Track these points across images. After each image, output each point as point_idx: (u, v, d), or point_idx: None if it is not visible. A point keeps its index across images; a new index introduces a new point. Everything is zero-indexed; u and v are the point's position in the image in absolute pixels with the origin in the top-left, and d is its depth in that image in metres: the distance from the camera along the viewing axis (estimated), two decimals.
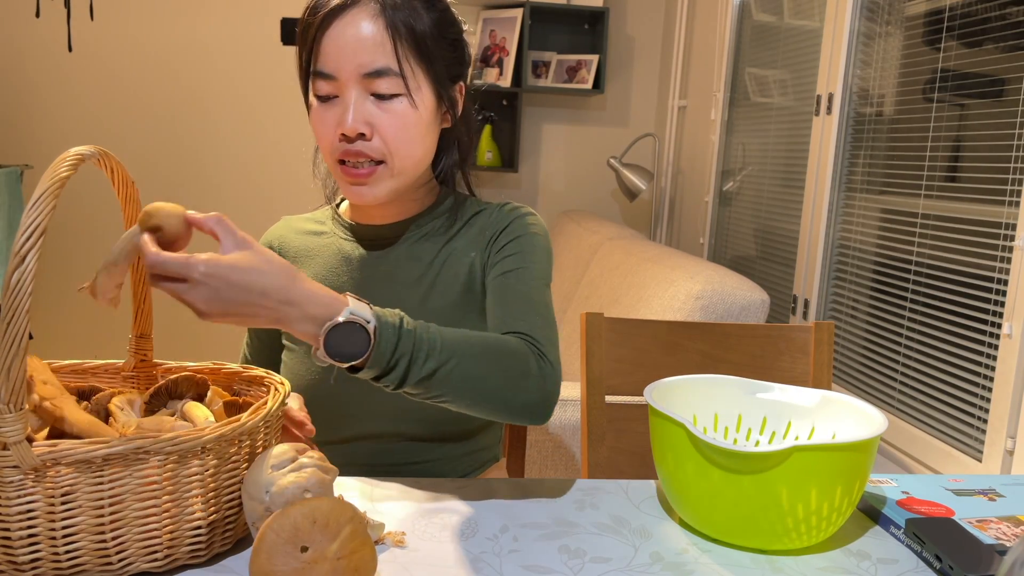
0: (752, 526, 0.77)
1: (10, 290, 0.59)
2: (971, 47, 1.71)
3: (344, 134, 0.93)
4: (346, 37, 0.92)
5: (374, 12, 0.92)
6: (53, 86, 3.20)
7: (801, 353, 1.30)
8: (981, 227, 1.65)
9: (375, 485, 0.91)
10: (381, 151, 0.95)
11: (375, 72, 0.92)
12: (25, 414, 0.61)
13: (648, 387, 0.87)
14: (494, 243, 1.03)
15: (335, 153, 0.96)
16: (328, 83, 0.94)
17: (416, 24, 0.94)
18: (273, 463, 0.71)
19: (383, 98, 0.94)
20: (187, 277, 0.69)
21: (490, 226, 1.05)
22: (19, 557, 0.64)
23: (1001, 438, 1.53)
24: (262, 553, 0.62)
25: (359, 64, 0.92)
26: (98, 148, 0.71)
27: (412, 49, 0.94)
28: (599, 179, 3.63)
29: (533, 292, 0.97)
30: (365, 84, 0.93)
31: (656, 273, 2.07)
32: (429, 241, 1.05)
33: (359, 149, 0.94)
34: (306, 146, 3.80)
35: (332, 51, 0.92)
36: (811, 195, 2.30)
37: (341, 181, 0.98)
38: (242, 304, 0.71)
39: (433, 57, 0.96)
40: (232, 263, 0.71)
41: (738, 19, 2.94)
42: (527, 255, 1.01)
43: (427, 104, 0.97)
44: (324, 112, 0.95)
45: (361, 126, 0.93)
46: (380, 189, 0.97)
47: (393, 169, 0.97)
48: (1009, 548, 0.78)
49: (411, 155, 0.97)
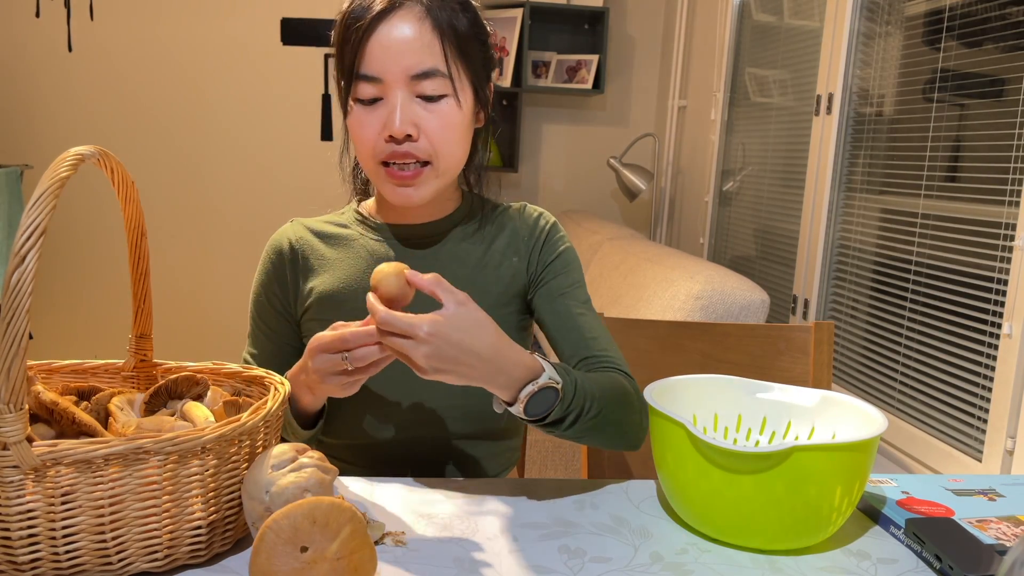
0: (752, 526, 0.77)
1: (10, 290, 0.59)
2: (971, 47, 1.71)
3: (392, 136, 0.93)
4: (393, 39, 0.92)
5: (420, 14, 0.93)
6: (53, 86, 3.20)
7: (801, 353, 1.30)
8: (981, 227, 1.65)
9: (375, 485, 0.91)
10: (428, 152, 0.95)
11: (423, 73, 0.92)
12: (25, 414, 0.61)
13: (648, 387, 0.87)
14: (538, 255, 1.07)
15: (378, 155, 0.95)
16: (373, 85, 0.93)
17: (457, 25, 0.95)
18: (273, 463, 0.71)
19: (430, 99, 0.94)
20: (413, 335, 0.75)
21: (525, 233, 1.08)
22: (19, 557, 0.64)
23: (1001, 438, 1.53)
24: (262, 553, 0.62)
25: (407, 66, 0.92)
26: (98, 148, 0.71)
27: (456, 50, 0.95)
28: (599, 179, 3.63)
29: (590, 312, 1.06)
30: (412, 86, 0.93)
31: (656, 273, 2.07)
32: (468, 242, 1.06)
33: (406, 150, 0.94)
34: (306, 146, 3.81)
35: (378, 53, 0.92)
36: (811, 195, 2.30)
37: (384, 183, 0.97)
38: (457, 363, 0.77)
39: (472, 57, 0.97)
40: (452, 323, 0.76)
41: (738, 19, 2.94)
42: (572, 271, 1.07)
43: (468, 104, 0.98)
44: (367, 115, 0.95)
45: (409, 127, 0.93)
46: (426, 190, 0.97)
47: (438, 170, 0.97)
48: (1009, 548, 0.78)
49: (455, 155, 0.98)
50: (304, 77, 3.31)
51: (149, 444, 0.65)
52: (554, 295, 1.05)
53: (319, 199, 3.42)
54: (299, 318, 1.05)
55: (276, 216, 3.41)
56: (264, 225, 3.41)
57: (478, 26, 0.99)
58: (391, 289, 0.79)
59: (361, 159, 0.99)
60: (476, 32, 0.98)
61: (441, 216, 1.06)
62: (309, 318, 1.04)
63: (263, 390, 0.85)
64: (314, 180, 3.42)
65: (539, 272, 1.07)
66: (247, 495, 0.71)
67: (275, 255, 1.06)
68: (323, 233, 1.07)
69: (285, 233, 1.08)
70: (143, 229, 0.82)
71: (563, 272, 1.06)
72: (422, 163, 0.96)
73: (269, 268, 1.06)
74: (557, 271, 1.06)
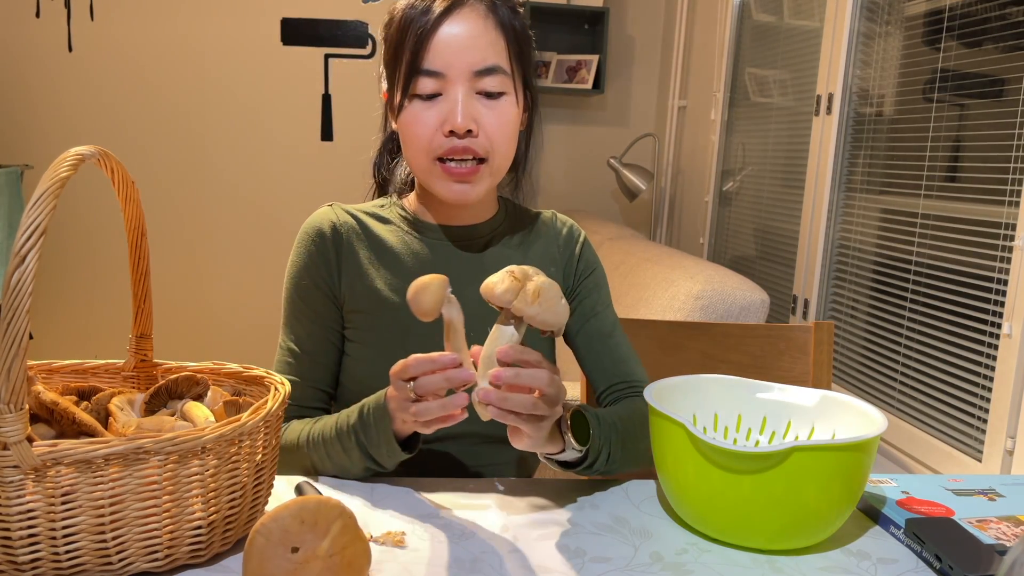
0: (752, 526, 0.77)
1: (10, 290, 0.59)
2: (971, 47, 1.71)
3: (453, 131, 0.92)
4: (458, 35, 0.92)
5: (484, 12, 0.94)
6: (53, 86, 3.20)
7: (801, 353, 1.30)
8: (981, 227, 1.65)
9: (375, 485, 0.91)
10: (486, 148, 0.95)
11: (486, 69, 0.93)
12: (25, 414, 0.61)
13: (648, 387, 0.87)
14: (574, 268, 1.08)
15: (435, 151, 0.94)
16: (434, 80, 0.93)
17: (516, 25, 0.96)
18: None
19: (490, 96, 0.94)
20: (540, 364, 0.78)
21: (560, 243, 1.09)
22: (19, 557, 0.64)
23: (1001, 438, 1.53)
24: (253, 558, 0.62)
25: (471, 62, 0.92)
26: (98, 148, 0.71)
27: (515, 48, 0.96)
28: (599, 179, 3.63)
29: (619, 332, 1.09)
30: (473, 82, 0.93)
31: (656, 273, 2.07)
32: (508, 248, 1.06)
33: (466, 145, 0.93)
34: (306, 146, 3.80)
35: (442, 49, 0.92)
36: (811, 195, 2.30)
37: (438, 179, 0.96)
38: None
39: (526, 58, 0.98)
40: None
41: (738, 19, 2.94)
42: (603, 289, 1.10)
43: (522, 104, 0.99)
44: (424, 110, 0.94)
45: (470, 122, 0.93)
46: (480, 188, 0.97)
47: (492, 167, 0.97)
48: (1009, 548, 0.78)
49: (509, 154, 0.99)
50: (304, 77, 3.31)
51: (149, 444, 0.65)
52: (587, 315, 1.07)
53: (319, 199, 3.42)
54: (342, 305, 1.02)
55: (276, 216, 3.41)
56: (264, 225, 3.41)
57: (527, 28, 1.00)
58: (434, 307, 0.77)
59: (414, 155, 0.97)
60: (527, 34, 0.99)
61: (484, 219, 1.06)
62: (352, 310, 1.01)
63: (263, 390, 0.85)
64: (314, 180, 3.42)
65: (574, 286, 1.08)
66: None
67: (317, 237, 1.02)
68: (367, 223, 1.04)
69: (326, 215, 1.04)
70: (143, 229, 0.82)
71: (595, 290, 1.08)
72: (478, 160, 0.95)
73: (312, 250, 1.02)
74: (590, 288, 1.08)
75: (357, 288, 1.01)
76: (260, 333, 3.43)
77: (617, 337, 1.08)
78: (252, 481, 0.74)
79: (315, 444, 0.92)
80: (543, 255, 1.07)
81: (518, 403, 0.76)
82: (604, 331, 1.07)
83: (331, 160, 3.42)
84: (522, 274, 0.77)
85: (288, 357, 1.03)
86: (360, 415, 0.89)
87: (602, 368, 1.06)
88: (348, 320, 1.02)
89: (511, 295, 0.75)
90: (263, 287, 3.44)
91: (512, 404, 0.75)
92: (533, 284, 0.76)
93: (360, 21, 3.29)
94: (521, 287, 0.75)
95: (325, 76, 3.32)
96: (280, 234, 3.43)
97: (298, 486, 0.86)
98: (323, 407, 1.04)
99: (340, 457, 0.90)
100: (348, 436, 0.89)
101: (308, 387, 1.02)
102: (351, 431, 0.89)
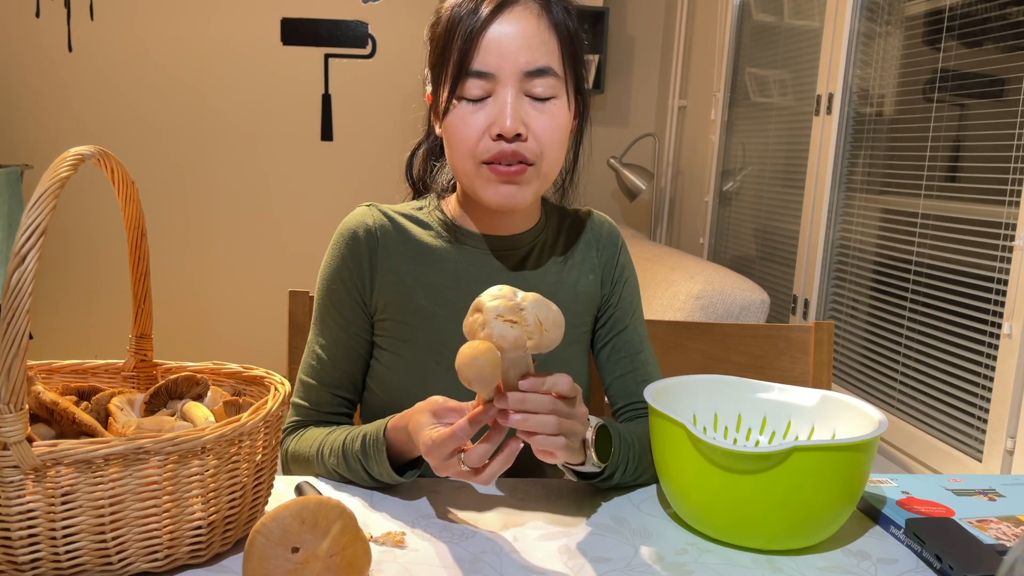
0: (752, 526, 0.77)
1: (10, 290, 0.59)
2: (971, 47, 1.71)
3: (501, 134, 0.88)
4: (509, 35, 0.88)
5: (536, 11, 0.90)
6: (53, 86, 3.20)
7: (801, 353, 1.30)
8: (981, 227, 1.65)
9: (375, 485, 0.91)
10: (535, 153, 0.91)
11: (537, 71, 0.89)
12: (25, 414, 0.61)
13: (648, 387, 0.87)
14: (612, 276, 1.06)
15: (482, 155, 0.90)
16: (483, 82, 0.89)
17: (570, 26, 0.93)
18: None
19: (539, 99, 0.90)
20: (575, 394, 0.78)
21: (598, 246, 1.06)
22: (19, 557, 0.64)
23: (1001, 438, 1.53)
24: (254, 558, 0.62)
25: (522, 63, 0.88)
26: (98, 148, 0.71)
27: (568, 50, 0.93)
28: (599, 179, 3.63)
29: (647, 347, 1.07)
30: (523, 84, 0.89)
31: (656, 273, 2.07)
32: (548, 256, 1.03)
33: (515, 149, 0.89)
34: (306, 146, 3.80)
35: (493, 48, 0.88)
36: (811, 195, 2.30)
37: (485, 182, 0.92)
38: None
39: (578, 60, 0.95)
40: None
41: (738, 19, 2.94)
42: (635, 298, 1.08)
43: (572, 108, 0.95)
44: (472, 113, 0.90)
45: (519, 126, 0.89)
46: (528, 191, 0.93)
47: (540, 171, 0.93)
48: (1009, 548, 0.78)
49: (558, 159, 0.95)
50: (304, 77, 3.31)
51: (149, 444, 0.65)
52: (617, 328, 1.05)
53: (319, 199, 3.42)
54: (373, 313, 1.00)
55: (276, 216, 3.41)
56: (264, 225, 3.41)
57: (581, 30, 0.96)
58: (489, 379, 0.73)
59: (459, 159, 0.93)
60: (580, 36, 0.95)
61: (527, 228, 1.02)
62: (384, 318, 0.99)
63: (263, 390, 0.85)
64: (314, 180, 3.42)
65: (609, 294, 1.06)
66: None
67: (351, 239, 0.99)
68: (404, 227, 1.00)
69: (362, 217, 1.00)
70: (143, 229, 0.82)
71: (629, 300, 1.06)
72: (527, 163, 0.91)
73: (346, 253, 0.98)
74: (623, 297, 1.06)
75: (391, 296, 0.98)
76: (260, 333, 3.43)
77: (645, 354, 1.06)
78: (252, 481, 0.74)
79: (324, 457, 0.93)
80: (582, 263, 1.04)
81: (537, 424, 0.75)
82: (633, 347, 1.05)
83: (331, 160, 3.42)
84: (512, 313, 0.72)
85: (312, 360, 1.01)
86: (363, 444, 0.89)
87: (624, 386, 1.04)
88: (380, 328, 1.00)
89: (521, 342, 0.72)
90: (263, 287, 3.44)
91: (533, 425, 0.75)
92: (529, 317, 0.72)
93: (360, 21, 3.29)
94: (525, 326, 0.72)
95: (325, 76, 3.32)
96: (280, 234, 3.43)
97: (298, 486, 0.86)
98: (343, 412, 1.02)
99: (347, 473, 0.91)
100: (353, 459, 0.89)
101: (328, 392, 1.00)
102: (355, 456, 0.89)
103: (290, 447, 0.99)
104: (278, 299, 3.38)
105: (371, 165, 3.40)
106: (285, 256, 3.44)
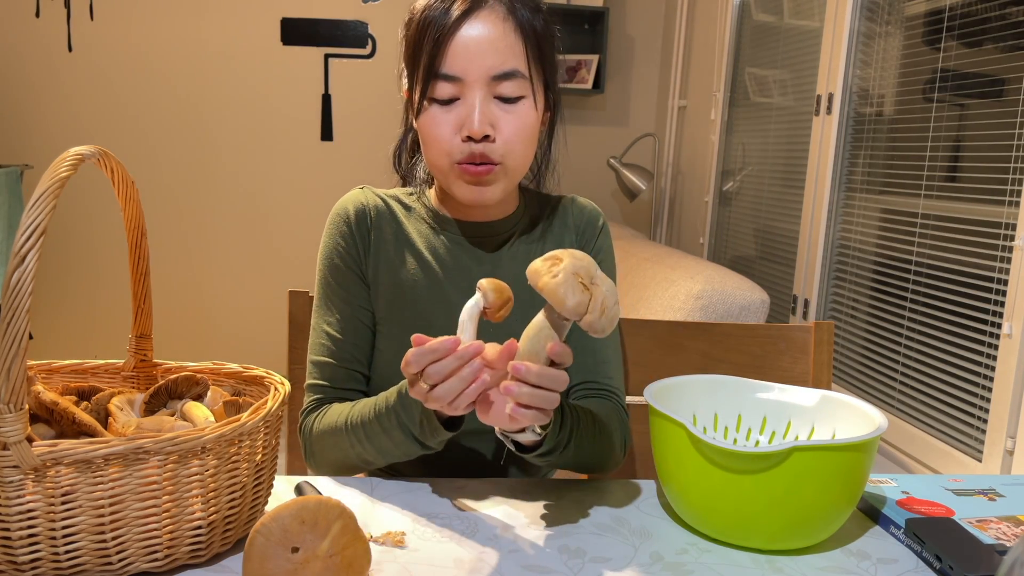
0: (752, 526, 0.77)
1: (10, 290, 0.59)
2: (971, 47, 1.71)
3: (470, 136, 0.91)
4: (475, 39, 0.91)
5: (503, 14, 0.92)
6: (53, 86, 3.20)
7: (801, 353, 1.30)
8: (981, 227, 1.65)
9: (375, 485, 0.91)
10: (500, 153, 0.94)
11: (504, 74, 0.92)
12: (25, 414, 0.61)
13: (648, 387, 0.87)
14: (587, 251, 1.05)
15: (456, 155, 0.93)
16: (452, 85, 0.92)
17: (537, 25, 0.94)
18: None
19: (507, 100, 0.93)
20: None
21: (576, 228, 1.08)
22: (19, 557, 0.64)
23: (1001, 438, 1.53)
24: (253, 559, 0.62)
25: (488, 66, 0.91)
26: (98, 148, 0.71)
27: (535, 51, 0.94)
28: (599, 179, 3.63)
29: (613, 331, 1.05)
30: (491, 86, 0.92)
31: (656, 273, 2.07)
32: (527, 242, 1.05)
33: (482, 151, 0.92)
34: (306, 146, 3.80)
35: (461, 52, 0.91)
36: (811, 195, 2.30)
37: (457, 180, 0.95)
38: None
39: (547, 59, 0.97)
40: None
41: (738, 19, 2.94)
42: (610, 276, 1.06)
43: (541, 107, 0.98)
44: (443, 115, 0.93)
45: (487, 128, 0.92)
46: (497, 189, 0.96)
47: (507, 169, 0.95)
48: (1009, 548, 0.78)
49: (526, 155, 0.97)
50: (304, 77, 3.31)
51: (149, 444, 0.65)
52: None
53: (319, 199, 3.42)
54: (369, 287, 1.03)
55: (276, 216, 3.41)
56: (264, 224, 3.41)
57: (551, 27, 0.98)
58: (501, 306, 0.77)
59: (434, 157, 0.96)
60: (550, 34, 0.98)
61: (505, 215, 1.05)
62: (376, 295, 1.02)
63: (263, 390, 0.85)
64: (314, 180, 3.42)
65: None
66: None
67: (347, 217, 1.03)
68: (395, 210, 1.05)
69: (357, 197, 1.05)
70: (143, 229, 0.82)
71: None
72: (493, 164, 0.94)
73: (344, 230, 1.03)
74: None
75: (381, 275, 1.02)
76: (260, 333, 3.43)
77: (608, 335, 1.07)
78: (252, 481, 0.74)
79: (354, 427, 0.92)
80: (558, 245, 1.06)
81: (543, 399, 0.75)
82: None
83: (331, 160, 3.42)
84: (589, 280, 0.73)
85: (323, 339, 1.02)
86: (399, 394, 0.88)
87: (581, 362, 1.04)
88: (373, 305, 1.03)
89: (583, 308, 0.72)
90: (263, 287, 3.44)
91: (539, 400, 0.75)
92: (599, 293, 0.72)
93: (360, 21, 3.29)
94: (590, 298, 0.72)
95: (325, 76, 3.32)
96: (280, 234, 3.43)
97: (298, 486, 0.86)
98: (360, 389, 1.03)
99: (380, 439, 0.89)
100: (388, 416, 0.88)
101: (343, 368, 1.01)
102: (391, 411, 0.88)
103: (314, 426, 0.98)
104: (278, 299, 3.38)
105: (371, 165, 3.40)
106: (285, 256, 3.44)
